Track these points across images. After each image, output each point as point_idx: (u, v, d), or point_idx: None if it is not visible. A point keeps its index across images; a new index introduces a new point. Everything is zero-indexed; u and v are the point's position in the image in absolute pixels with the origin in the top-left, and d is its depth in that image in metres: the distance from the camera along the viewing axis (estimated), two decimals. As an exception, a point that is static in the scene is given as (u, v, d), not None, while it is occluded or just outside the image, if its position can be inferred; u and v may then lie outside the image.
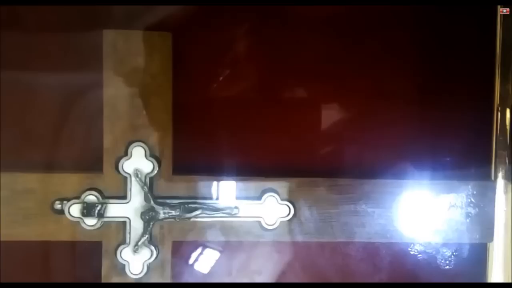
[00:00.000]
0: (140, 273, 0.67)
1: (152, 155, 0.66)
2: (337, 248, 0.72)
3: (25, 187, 0.65)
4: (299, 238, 0.68)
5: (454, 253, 0.72)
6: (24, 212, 0.65)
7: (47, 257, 0.69)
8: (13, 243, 0.66)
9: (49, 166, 0.67)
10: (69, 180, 0.66)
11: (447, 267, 0.73)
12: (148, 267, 0.67)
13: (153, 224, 0.66)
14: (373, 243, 0.71)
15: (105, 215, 0.66)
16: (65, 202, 0.65)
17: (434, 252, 0.72)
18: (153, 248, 0.66)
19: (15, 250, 0.68)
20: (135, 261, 0.66)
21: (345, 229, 0.68)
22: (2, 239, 0.65)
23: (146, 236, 0.66)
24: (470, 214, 0.70)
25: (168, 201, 0.66)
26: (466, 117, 0.72)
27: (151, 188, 0.66)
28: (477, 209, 0.70)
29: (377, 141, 0.72)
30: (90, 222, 0.65)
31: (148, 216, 0.66)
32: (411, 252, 0.72)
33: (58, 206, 0.65)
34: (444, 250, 0.72)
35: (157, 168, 0.66)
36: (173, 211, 0.66)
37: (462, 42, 0.72)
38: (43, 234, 0.66)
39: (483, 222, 0.70)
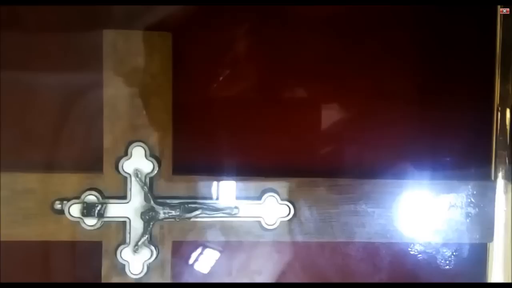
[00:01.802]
0: (140, 273, 0.67)
1: (152, 155, 0.66)
2: (337, 248, 0.72)
3: (25, 187, 0.65)
4: (299, 238, 0.69)
5: (454, 253, 0.72)
6: (24, 212, 0.65)
7: (47, 257, 0.69)
8: (13, 243, 0.66)
9: (49, 166, 0.67)
10: (69, 180, 0.66)
11: (447, 267, 0.73)
12: (148, 267, 0.67)
13: (153, 224, 0.66)
14: (373, 243, 0.71)
15: (105, 215, 0.66)
16: (65, 202, 0.65)
17: (434, 252, 0.72)
18: (153, 248, 0.67)
19: (15, 250, 0.68)
20: (135, 261, 0.66)
21: (345, 229, 0.68)
22: (2, 239, 0.65)
23: (146, 236, 0.66)
24: (470, 214, 0.70)
25: (168, 201, 0.66)
26: (466, 117, 0.73)
27: (151, 188, 0.66)
28: (477, 209, 0.70)
29: (377, 141, 0.72)
30: (90, 222, 0.65)
31: (148, 216, 0.66)
32: (411, 252, 0.72)
33: (58, 206, 0.65)
34: (444, 250, 0.72)
35: (157, 168, 0.66)
36: (173, 211, 0.66)
37: (462, 42, 0.72)
38: (43, 234, 0.66)
39: (483, 222, 0.70)
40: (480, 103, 0.72)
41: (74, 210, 0.65)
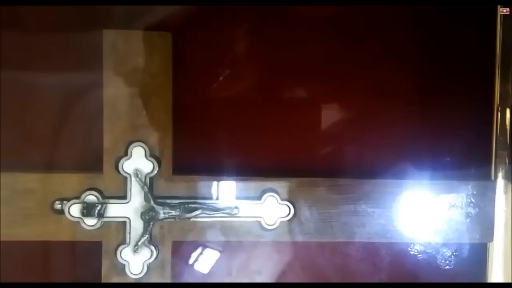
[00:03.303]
0: (140, 273, 0.67)
1: (152, 155, 0.66)
2: (337, 248, 0.72)
3: (25, 187, 0.65)
4: (299, 238, 0.69)
5: (454, 253, 0.73)
6: (24, 212, 0.65)
7: (47, 257, 0.69)
8: (13, 243, 0.66)
9: (49, 166, 0.68)
10: (69, 180, 0.66)
11: (447, 267, 0.73)
12: (148, 267, 0.67)
13: (153, 224, 0.66)
14: (373, 243, 0.71)
15: (105, 215, 0.66)
16: (65, 202, 0.65)
17: (434, 252, 0.73)
18: (153, 248, 0.67)
19: (15, 250, 0.68)
20: (135, 261, 0.67)
21: (345, 229, 0.69)
22: (2, 239, 0.65)
23: (146, 236, 0.66)
24: (470, 214, 0.70)
25: (168, 201, 0.66)
26: (466, 117, 0.73)
27: (151, 188, 0.66)
28: (477, 209, 0.70)
29: (377, 141, 0.72)
30: (90, 222, 0.66)
31: (148, 216, 0.66)
32: (411, 252, 0.72)
33: (58, 206, 0.66)
34: (444, 250, 0.73)
35: (157, 168, 0.66)
36: (173, 211, 0.66)
37: (462, 42, 0.72)
38: (43, 234, 0.66)
39: (483, 222, 0.70)
40: (480, 103, 0.72)
41: (74, 210, 0.65)
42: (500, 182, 0.71)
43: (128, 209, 0.66)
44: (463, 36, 0.72)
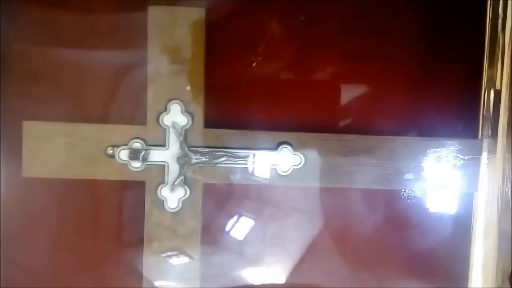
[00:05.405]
0: (176, 207, 0.76)
1: (187, 111, 0.74)
2: (341, 193, 0.78)
3: (83, 135, 0.74)
4: (309, 183, 0.76)
5: (443, 200, 0.79)
6: (82, 155, 0.74)
7: (100, 194, 0.79)
8: (71, 181, 0.75)
9: (104, 118, 0.77)
10: (119, 130, 0.74)
11: (436, 211, 0.79)
12: (183, 203, 0.76)
13: (187, 168, 0.75)
14: (371, 189, 0.77)
15: (148, 160, 0.74)
16: (115, 148, 0.74)
17: (424, 198, 0.79)
18: (187, 187, 0.75)
19: (73, 188, 0.77)
20: (172, 197, 0.75)
21: (348, 177, 0.75)
22: (65, 178, 0.75)
23: (181, 177, 0.74)
24: (456, 166, 0.76)
25: (199, 149, 0.74)
26: (455, 97, 0.79)
27: (185, 138, 0.74)
28: (463, 162, 0.76)
29: (378, 107, 0.79)
30: (136, 164, 0.74)
31: (183, 161, 0.74)
32: (403, 198, 0.79)
33: (110, 151, 0.74)
34: (434, 197, 0.79)
35: (191, 122, 0.74)
36: (203, 157, 0.74)
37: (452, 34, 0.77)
38: (98, 174, 0.75)
39: (469, 174, 0.77)
40: (468, 82, 0.77)
41: (123, 154, 0.74)
42: (486, 142, 0.77)
43: (166, 155, 0.74)
44: (454, 22, 0.77)
